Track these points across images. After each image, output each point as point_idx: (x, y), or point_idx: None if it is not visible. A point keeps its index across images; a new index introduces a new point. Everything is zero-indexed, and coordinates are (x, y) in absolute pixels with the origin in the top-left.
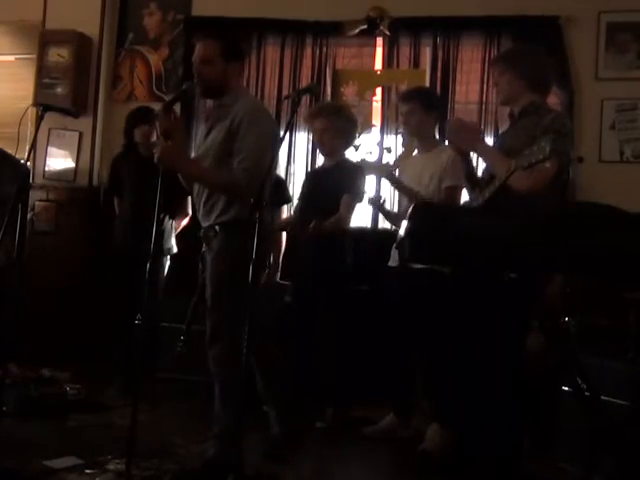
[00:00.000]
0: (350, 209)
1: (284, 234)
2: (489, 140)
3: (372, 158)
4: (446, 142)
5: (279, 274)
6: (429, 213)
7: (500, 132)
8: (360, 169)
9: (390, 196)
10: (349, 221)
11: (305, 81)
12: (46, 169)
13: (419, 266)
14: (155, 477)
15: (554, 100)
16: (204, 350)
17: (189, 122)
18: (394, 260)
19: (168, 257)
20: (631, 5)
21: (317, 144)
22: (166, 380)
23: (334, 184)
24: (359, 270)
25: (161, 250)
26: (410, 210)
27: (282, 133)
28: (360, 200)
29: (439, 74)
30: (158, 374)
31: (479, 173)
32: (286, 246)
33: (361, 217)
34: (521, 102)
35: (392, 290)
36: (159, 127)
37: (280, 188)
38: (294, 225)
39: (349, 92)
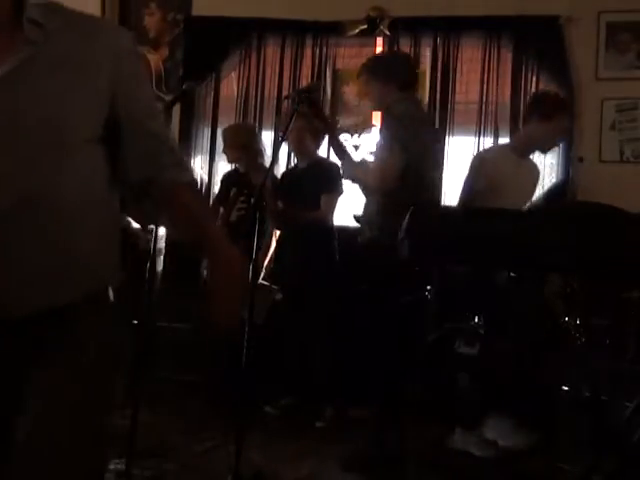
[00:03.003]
0: (331, 208)
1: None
2: (488, 140)
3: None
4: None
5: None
6: (428, 213)
7: None
8: (336, 167)
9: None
10: (330, 219)
11: (305, 81)
12: None
13: None
14: (155, 477)
15: None
16: (204, 350)
17: (189, 122)
18: None
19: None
20: (631, 5)
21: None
22: (166, 380)
23: (312, 184)
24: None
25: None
26: (410, 210)
27: (281, 134)
28: (339, 196)
29: (439, 74)
30: (158, 374)
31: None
32: (275, 247)
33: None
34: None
35: None
36: None
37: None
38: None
39: (349, 92)
